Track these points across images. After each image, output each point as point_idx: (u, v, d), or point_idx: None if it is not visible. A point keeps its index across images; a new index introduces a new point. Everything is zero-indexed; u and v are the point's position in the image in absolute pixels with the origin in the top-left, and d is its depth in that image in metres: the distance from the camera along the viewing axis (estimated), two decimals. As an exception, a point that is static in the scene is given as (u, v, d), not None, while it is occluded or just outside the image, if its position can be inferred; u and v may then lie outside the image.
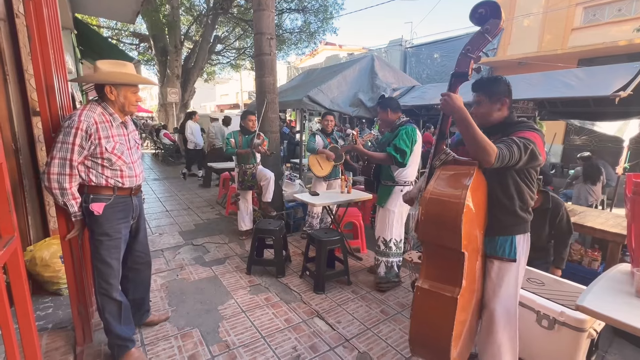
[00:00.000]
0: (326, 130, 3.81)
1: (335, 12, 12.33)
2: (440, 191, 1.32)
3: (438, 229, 1.29)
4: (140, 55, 13.51)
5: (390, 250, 2.64)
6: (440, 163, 1.42)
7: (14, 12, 2.43)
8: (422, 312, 1.31)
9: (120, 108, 1.75)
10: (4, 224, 0.93)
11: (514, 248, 1.51)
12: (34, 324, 1.10)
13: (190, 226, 4.32)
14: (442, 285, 1.28)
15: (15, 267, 0.99)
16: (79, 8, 5.15)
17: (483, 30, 1.32)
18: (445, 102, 1.36)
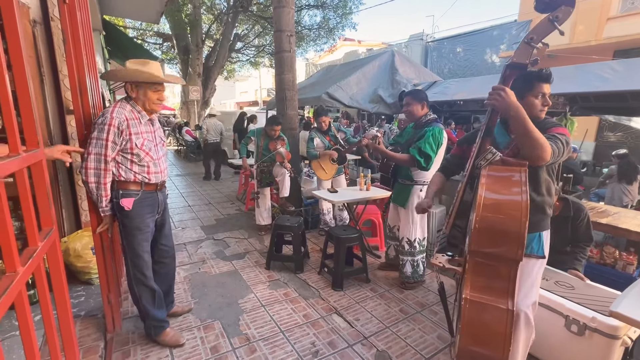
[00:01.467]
0: (322, 129, 3.76)
1: (355, 7, 12.20)
2: (496, 197, 1.21)
3: (497, 238, 1.17)
4: (163, 54, 13.92)
5: (415, 249, 2.60)
6: (485, 163, 1.33)
7: (49, 16, 2.56)
8: (474, 327, 1.22)
9: (142, 106, 1.80)
10: (45, 217, 0.99)
11: (542, 244, 1.48)
12: (70, 311, 1.17)
13: (212, 221, 4.43)
14: (494, 298, 1.19)
15: (54, 257, 1.05)
16: (107, 10, 5.35)
17: (552, 17, 1.21)
18: (500, 97, 1.25)
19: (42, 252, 0.92)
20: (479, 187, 1.26)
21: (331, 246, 2.87)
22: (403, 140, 2.66)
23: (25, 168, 0.86)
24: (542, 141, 1.23)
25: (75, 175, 2.76)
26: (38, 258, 0.89)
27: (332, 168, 3.71)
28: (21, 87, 0.91)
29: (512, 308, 1.16)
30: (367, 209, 3.53)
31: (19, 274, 0.76)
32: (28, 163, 0.89)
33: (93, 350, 1.89)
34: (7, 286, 0.71)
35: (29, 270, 0.82)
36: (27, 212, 0.87)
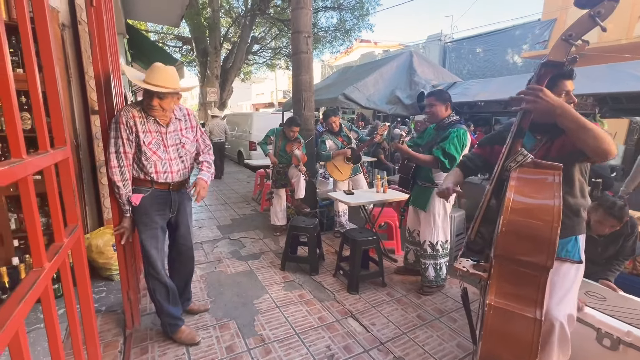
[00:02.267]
0: (333, 130, 3.72)
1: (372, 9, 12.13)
2: (526, 200, 1.15)
3: (526, 243, 1.12)
4: (182, 57, 14.26)
5: (437, 252, 2.54)
6: (516, 165, 1.26)
7: (77, 20, 2.66)
8: (497, 335, 1.17)
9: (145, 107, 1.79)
10: (70, 214, 1.01)
11: (578, 248, 1.41)
12: (93, 306, 1.19)
13: (227, 221, 4.47)
14: (521, 305, 1.14)
15: (78, 253, 1.07)
16: (131, 14, 5.53)
17: (594, 13, 1.14)
18: (539, 99, 1.18)
19: (67, 248, 0.94)
20: (508, 190, 1.20)
21: (346, 248, 2.84)
22: (423, 141, 2.60)
23: (53, 165, 0.88)
24: (603, 133, 1.14)
25: (99, 174, 2.84)
26: (63, 254, 0.91)
27: (347, 168, 3.67)
28: (51, 88, 0.94)
29: (540, 318, 1.10)
30: (384, 211, 3.47)
31: (46, 269, 0.78)
32: (56, 160, 0.91)
33: (113, 345, 1.94)
34: (34, 281, 0.72)
35: (55, 265, 0.84)
36: (54, 208, 0.89)
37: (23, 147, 0.72)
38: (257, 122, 8.61)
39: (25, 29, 0.79)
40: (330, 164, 3.72)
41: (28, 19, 0.80)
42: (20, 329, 0.64)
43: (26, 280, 0.73)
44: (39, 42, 0.92)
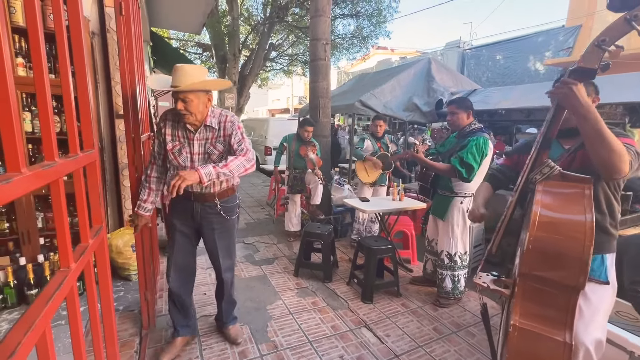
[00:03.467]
0: (376, 134, 3.72)
1: (389, 16, 12.14)
2: (555, 216, 1.09)
3: (554, 262, 1.07)
4: (202, 63, 14.65)
5: (455, 264, 2.47)
6: (542, 177, 1.21)
7: (106, 28, 2.78)
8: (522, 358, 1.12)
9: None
10: (95, 215, 1.04)
11: (605, 268, 1.33)
12: (113, 305, 1.21)
13: (242, 225, 4.51)
14: (548, 328, 1.08)
15: (102, 253, 1.10)
16: (155, 22, 5.74)
17: (630, 17, 1.07)
18: (570, 91, 1.12)
19: (92, 249, 0.96)
20: (534, 204, 1.14)
21: (361, 257, 2.80)
22: (444, 149, 2.56)
23: (81, 168, 0.91)
24: (619, 148, 1.07)
25: (121, 176, 2.93)
26: (89, 254, 0.93)
27: (375, 172, 3.65)
28: (82, 94, 0.97)
29: (571, 342, 1.04)
30: (400, 220, 3.42)
31: (72, 269, 0.79)
32: (85, 163, 0.93)
33: (129, 345, 1.97)
34: (61, 281, 0.74)
35: (80, 266, 0.86)
36: (81, 210, 0.92)
37: (56, 150, 0.75)
38: (273, 128, 8.72)
39: (61, 37, 0.83)
40: (359, 164, 3.72)
41: (64, 28, 0.84)
42: (47, 328, 0.66)
43: (53, 281, 0.75)
44: (73, 50, 0.96)
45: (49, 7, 2.17)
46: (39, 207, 2.50)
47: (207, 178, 1.51)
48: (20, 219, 2.32)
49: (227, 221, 1.89)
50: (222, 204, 1.84)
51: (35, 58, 0.70)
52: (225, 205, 1.86)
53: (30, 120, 2.30)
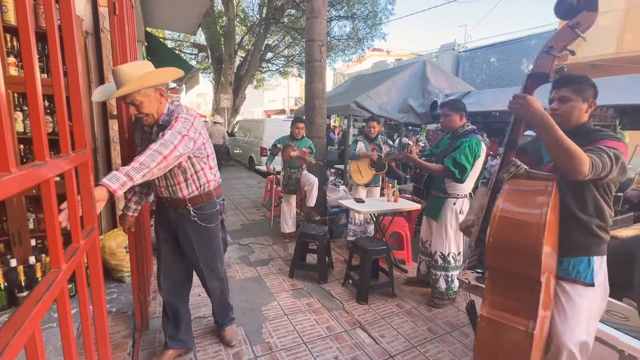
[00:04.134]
0: (369, 136, 3.73)
1: (385, 18, 12.22)
2: (514, 210, 1.17)
3: (511, 254, 1.14)
4: (198, 64, 14.62)
5: (449, 264, 2.49)
6: (508, 176, 1.27)
7: (100, 28, 2.76)
8: (488, 347, 1.16)
9: None
10: (87, 216, 1.03)
11: (592, 270, 1.32)
12: (105, 307, 1.20)
13: (237, 226, 4.50)
14: (512, 317, 1.13)
15: (94, 254, 1.09)
16: (150, 22, 5.71)
17: (572, 24, 1.14)
18: (520, 105, 1.20)
19: (83, 250, 0.95)
20: (497, 200, 1.21)
21: (356, 258, 2.81)
22: (438, 151, 2.58)
23: (73, 168, 0.90)
24: (576, 152, 1.11)
25: (115, 177, 2.91)
26: (80, 255, 0.92)
27: (369, 173, 3.66)
28: (74, 93, 0.96)
29: (533, 331, 1.08)
30: (395, 221, 3.43)
31: (63, 270, 0.79)
32: (76, 163, 0.93)
33: (122, 347, 1.95)
34: (52, 282, 0.74)
35: (71, 267, 0.85)
36: (73, 210, 0.91)
37: (47, 149, 0.74)
38: (269, 129, 8.70)
39: (53, 36, 0.82)
40: (354, 164, 3.72)
41: (56, 27, 0.83)
42: (36, 330, 0.65)
43: (44, 282, 0.74)
44: (65, 49, 0.95)
45: (42, 6, 2.15)
46: (31, 208, 2.47)
47: (115, 185, 1.19)
48: (11, 220, 2.29)
49: (205, 230, 1.73)
50: (196, 211, 1.70)
51: (25, 57, 0.70)
52: (201, 212, 1.71)
53: (22, 120, 2.27)
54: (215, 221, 1.81)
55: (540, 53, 1.22)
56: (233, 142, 11.30)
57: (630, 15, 8.84)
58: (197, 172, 1.68)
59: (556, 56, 1.19)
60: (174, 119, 1.51)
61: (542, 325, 1.26)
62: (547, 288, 1.19)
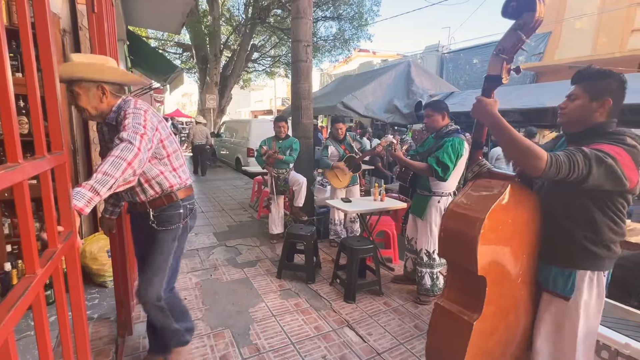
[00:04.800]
0: (338, 137, 3.76)
1: (371, 19, 12.33)
2: (462, 206, 1.23)
3: (455, 247, 1.22)
4: (182, 63, 14.38)
5: (434, 261, 2.54)
6: (473, 175, 1.31)
7: (78, 25, 2.68)
8: (437, 331, 1.28)
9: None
10: (65, 220, 1.00)
11: (572, 284, 1.22)
12: (85, 313, 1.17)
13: (224, 227, 4.45)
14: (460, 308, 1.21)
15: (72, 259, 1.06)
16: (132, 20, 5.58)
17: (515, 26, 1.15)
18: (475, 107, 1.23)
19: (60, 254, 0.92)
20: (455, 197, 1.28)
21: (344, 257, 2.82)
22: (423, 150, 2.63)
23: (49, 170, 0.88)
24: (529, 149, 1.09)
25: (95, 179, 2.83)
26: (57, 260, 0.89)
27: (346, 177, 3.69)
28: (50, 93, 0.94)
29: (473, 322, 1.15)
30: (381, 220, 3.47)
31: (38, 276, 0.76)
32: (52, 165, 0.90)
33: (104, 354, 1.89)
34: (26, 288, 0.71)
35: (47, 272, 0.82)
36: (49, 213, 0.88)
37: (20, 151, 0.72)
38: (256, 129, 8.63)
39: (26, 33, 0.80)
40: (330, 172, 3.75)
41: (29, 23, 0.81)
42: (9, 337, 0.63)
43: (18, 287, 0.71)
44: (39, 47, 0.92)
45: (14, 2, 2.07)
46: (6, 212, 2.37)
47: (81, 203, 1.08)
48: (-16, 225, 2.20)
49: (157, 232, 1.58)
50: (156, 214, 1.57)
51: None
52: (160, 214, 1.57)
53: (-5, 121, 2.18)
54: (175, 224, 1.60)
55: (492, 56, 1.23)
56: (219, 142, 11.16)
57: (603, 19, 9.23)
58: (155, 177, 1.52)
59: (505, 59, 1.19)
60: (122, 117, 1.36)
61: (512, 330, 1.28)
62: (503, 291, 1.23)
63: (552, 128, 5.65)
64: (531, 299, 1.35)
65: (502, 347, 1.32)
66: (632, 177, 1.09)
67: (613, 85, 1.20)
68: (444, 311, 1.26)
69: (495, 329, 1.24)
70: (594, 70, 1.23)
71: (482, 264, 1.16)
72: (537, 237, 1.31)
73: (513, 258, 1.26)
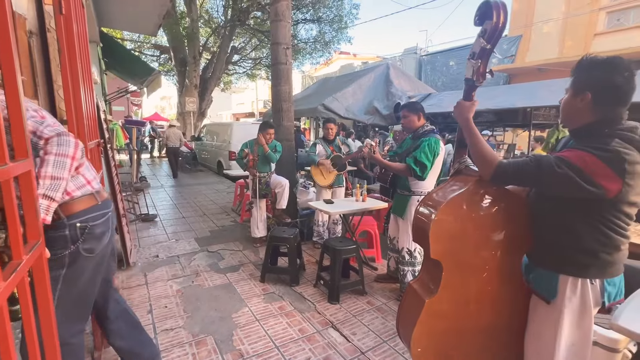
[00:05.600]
0: (328, 138, 3.81)
1: (350, 22, 12.47)
2: (431, 196, 1.37)
3: (419, 231, 1.35)
4: (160, 66, 14.04)
5: (415, 259, 2.59)
6: (453, 172, 1.40)
7: (46, 27, 2.57)
8: (403, 305, 1.45)
9: None
10: (31, 230, 0.96)
11: (554, 287, 1.18)
12: (56, 329, 1.12)
13: (206, 232, 4.36)
14: (421, 289, 1.37)
15: (40, 271, 1.01)
16: (105, 22, 5.41)
17: (480, 33, 1.22)
18: (455, 109, 1.35)
19: (26, 266, 0.88)
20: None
21: (327, 258, 2.83)
22: (402, 150, 2.69)
23: (11, 179, 0.84)
24: (484, 155, 1.20)
25: (67, 186, 2.71)
26: (22, 272, 0.85)
27: (330, 175, 3.71)
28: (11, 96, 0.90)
29: (425, 299, 1.27)
30: (363, 220, 3.51)
31: (0, 289, 0.73)
32: (16, 173, 0.86)
33: (79, 369, 1.82)
34: (-13, 302, 0.68)
35: (11, 285, 0.79)
36: (13, 224, 0.84)
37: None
38: (237, 132, 8.53)
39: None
40: (315, 168, 3.77)
41: (-13, 26, 0.77)
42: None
43: (-22, 302, 0.68)
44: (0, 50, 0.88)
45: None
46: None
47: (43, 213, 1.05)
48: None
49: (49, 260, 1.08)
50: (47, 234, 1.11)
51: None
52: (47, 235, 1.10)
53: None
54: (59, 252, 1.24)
55: (467, 60, 1.30)
56: (200, 146, 10.96)
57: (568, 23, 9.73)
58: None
59: (475, 63, 1.24)
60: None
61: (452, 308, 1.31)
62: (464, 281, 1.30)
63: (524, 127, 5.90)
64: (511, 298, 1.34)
65: (458, 337, 1.34)
66: (608, 186, 1.01)
67: (597, 77, 1.08)
68: (412, 289, 1.41)
69: (449, 313, 1.31)
70: (585, 61, 1.12)
71: (436, 249, 1.26)
72: (521, 236, 1.30)
73: (475, 250, 1.29)
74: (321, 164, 3.69)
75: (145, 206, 5.24)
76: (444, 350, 1.35)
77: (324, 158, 3.71)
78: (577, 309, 1.15)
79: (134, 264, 3.24)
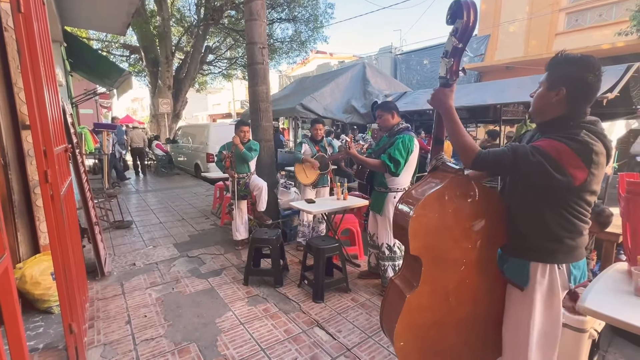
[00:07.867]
0: (315, 138, 3.83)
1: (325, 21, 12.51)
2: (409, 193, 1.41)
3: (398, 229, 1.38)
4: (130, 66, 13.49)
5: (395, 254, 2.64)
6: (431, 168, 1.43)
7: (3, 26, 2.41)
8: (386, 300, 1.49)
9: None
10: (-6, 242, 0.90)
11: (526, 275, 1.25)
12: (25, 345, 1.06)
13: (185, 237, 4.25)
14: (403, 283, 1.41)
15: (6, 286, 0.96)
16: (69, 21, 5.13)
17: (452, 31, 1.24)
18: (433, 96, 1.30)
19: (-9, 281, 0.83)
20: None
21: (310, 257, 2.84)
22: (378, 148, 2.74)
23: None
24: (464, 144, 1.21)
25: (33, 195, 2.56)
26: (-14, 288, 0.80)
27: (314, 173, 3.72)
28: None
29: (406, 294, 1.31)
30: (345, 218, 3.54)
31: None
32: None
33: (53, 387, 1.73)
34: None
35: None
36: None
37: None
38: (215, 134, 8.36)
39: None
40: (298, 166, 3.79)
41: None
42: None
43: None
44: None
45: None
46: None
47: None
48: None
49: None
50: None
51: None
52: None
53: None
54: None
55: (441, 59, 1.33)
56: (176, 149, 10.64)
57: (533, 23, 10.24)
58: None
59: (448, 61, 1.28)
60: None
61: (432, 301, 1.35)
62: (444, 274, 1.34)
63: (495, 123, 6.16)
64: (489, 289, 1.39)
65: (439, 329, 1.38)
66: (576, 174, 1.08)
67: (572, 74, 1.12)
68: (393, 285, 1.44)
69: (430, 307, 1.35)
70: (561, 57, 1.17)
71: (415, 245, 1.29)
72: (497, 229, 1.35)
73: (453, 245, 1.33)
74: (306, 161, 3.69)
75: (119, 212, 5.03)
76: (426, 343, 1.38)
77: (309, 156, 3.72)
78: (547, 293, 1.23)
79: (109, 273, 3.10)
